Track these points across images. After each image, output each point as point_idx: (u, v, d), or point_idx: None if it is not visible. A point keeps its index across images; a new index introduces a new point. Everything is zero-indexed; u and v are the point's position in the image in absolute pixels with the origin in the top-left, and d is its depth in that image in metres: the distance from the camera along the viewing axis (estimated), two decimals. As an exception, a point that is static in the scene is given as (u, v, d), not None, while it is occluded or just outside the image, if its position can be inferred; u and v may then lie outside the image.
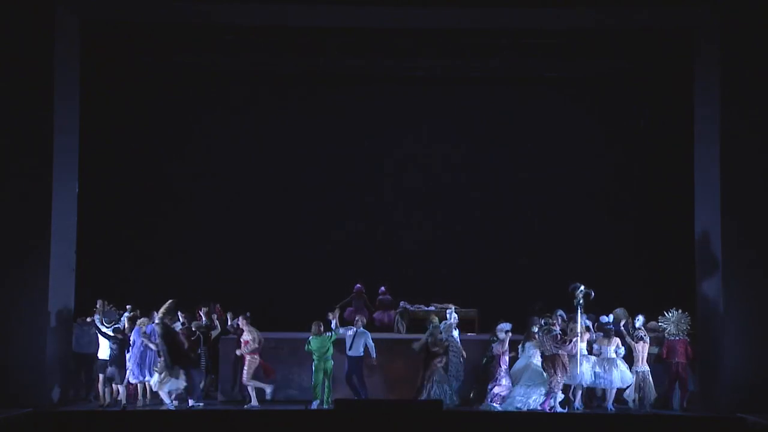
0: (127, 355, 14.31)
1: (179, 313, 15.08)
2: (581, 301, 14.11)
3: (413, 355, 14.95)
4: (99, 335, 14.47)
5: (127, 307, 15.20)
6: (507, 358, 14.03)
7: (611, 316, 14.79)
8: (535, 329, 14.12)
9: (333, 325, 14.37)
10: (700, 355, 14.65)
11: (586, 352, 14.21)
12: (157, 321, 14.10)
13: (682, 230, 16.03)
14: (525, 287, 18.33)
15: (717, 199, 14.39)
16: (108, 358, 14.31)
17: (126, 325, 14.61)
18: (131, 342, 14.34)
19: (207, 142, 19.38)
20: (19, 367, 13.78)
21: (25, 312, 13.97)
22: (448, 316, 15.20)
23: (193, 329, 14.78)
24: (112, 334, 14.34)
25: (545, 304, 15.39)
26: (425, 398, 13.91)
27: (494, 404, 13.87)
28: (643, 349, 14.23)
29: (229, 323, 15.72)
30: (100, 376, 14.42)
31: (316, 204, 19.46)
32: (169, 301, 14.48)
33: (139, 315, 14.81)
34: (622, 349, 14.22)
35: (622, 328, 14.57)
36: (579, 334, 13.93)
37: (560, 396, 13.93)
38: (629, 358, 14.30)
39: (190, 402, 14.04)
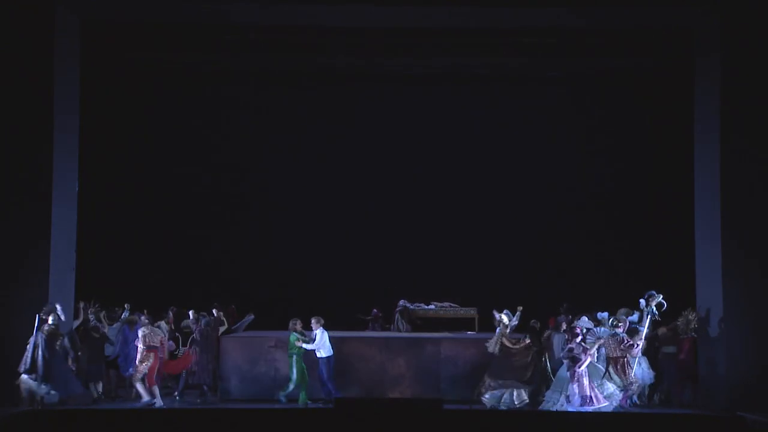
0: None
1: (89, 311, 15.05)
2: (654, 310, 14.17)
3: (413, 354, 14.97)
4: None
5: (126, 305, 15.25)
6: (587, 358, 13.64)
7: (635, 315, 14.79)
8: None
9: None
10: (700, 355, 14.68)
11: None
12: (50, 321, 13.73)
13: (683, 230, 16.04)
14: (525, 286, 18.37)
15: (717, 199, 14.39)
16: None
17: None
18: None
19: (207, 141, 19.41)
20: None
21: (25, 312, 13.96)
22: (506, 316, 14.53)
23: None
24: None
25: (571, 305, 15.43)
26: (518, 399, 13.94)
27: (577, 404, 13.67)
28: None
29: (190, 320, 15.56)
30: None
31: (316, 202, 19.48)
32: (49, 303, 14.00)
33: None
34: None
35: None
36: (643, 339, 13.93)
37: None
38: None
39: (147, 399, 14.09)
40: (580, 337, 13.54)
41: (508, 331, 14.26)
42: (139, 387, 14.20)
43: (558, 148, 19.42)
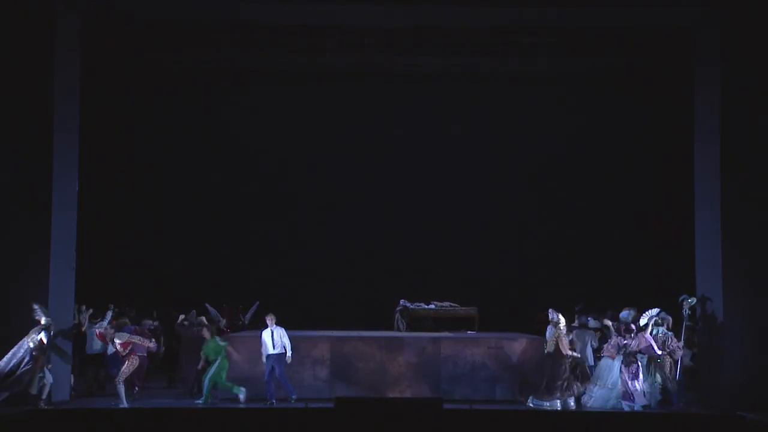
0: None
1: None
2: (688, 312, 14.25)
3: (413, 354, 14.97)
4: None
5: (110, 306, 15.25)
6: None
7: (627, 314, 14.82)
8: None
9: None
10: (700, 355, 14.70)
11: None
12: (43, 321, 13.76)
13: (683, 230, 16.04)
14: (525, 286, 18.38)
15: (717, 200, 14.40)
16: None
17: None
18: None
19: (207, 141, 19.43)
20: (19, 366, 13.80)
21: (26, 312, 13.96)
22: (550, 315, 14.25)
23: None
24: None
25: (586, 305, 15.44)
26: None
27: (641, 403, 13.64)
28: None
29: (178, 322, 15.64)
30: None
31: (317, 201, 19.53)
32: None
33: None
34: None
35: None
36: (683, 340, 14.06)
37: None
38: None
39: None
40: (633, 334, 13.67)
41: (564, 332, 13.93)
42: (121, 390, 14.02)
43: (558, 149, 19.43)
